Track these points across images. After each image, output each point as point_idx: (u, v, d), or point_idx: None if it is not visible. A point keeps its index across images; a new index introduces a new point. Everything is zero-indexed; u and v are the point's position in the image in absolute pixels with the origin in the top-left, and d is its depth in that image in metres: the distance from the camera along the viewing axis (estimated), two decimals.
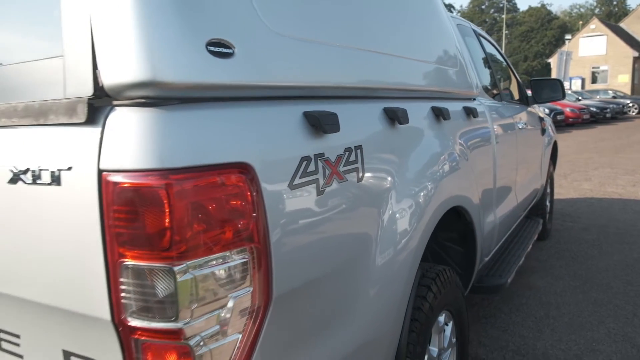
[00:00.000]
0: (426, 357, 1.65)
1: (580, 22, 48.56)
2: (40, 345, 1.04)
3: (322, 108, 1.17)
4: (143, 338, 0.88)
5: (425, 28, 1.98)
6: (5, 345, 1.11)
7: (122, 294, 0.86)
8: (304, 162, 1.06)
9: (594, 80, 38.73)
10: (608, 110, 21.32)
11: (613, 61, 37.69)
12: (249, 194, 0.93)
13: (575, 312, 2.98)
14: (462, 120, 2.10)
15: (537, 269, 3.73)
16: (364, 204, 1.29)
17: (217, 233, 0.88)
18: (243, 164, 0.93)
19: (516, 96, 3.68)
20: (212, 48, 0.91)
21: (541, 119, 4.03)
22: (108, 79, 0.85)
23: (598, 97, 25.13)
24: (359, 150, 1.26)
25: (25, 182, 0.93)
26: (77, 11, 0.87)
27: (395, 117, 1.47)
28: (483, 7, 68.53)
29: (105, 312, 0.88)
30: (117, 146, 0.84)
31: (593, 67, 38.82)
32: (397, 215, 1.43)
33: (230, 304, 0.91)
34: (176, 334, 0.86)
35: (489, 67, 3.21)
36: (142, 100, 0.86)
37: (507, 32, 55.97)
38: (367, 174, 1.29)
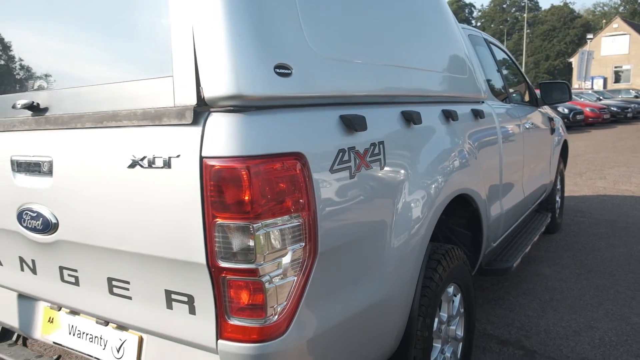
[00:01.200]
0: (436, 319, 1.98)
1: (604, 21, 47.85)
2: (146, 287, 1.41)
3: (353, 112, 1.51)
4: (229, 276, 1.24)
5: (438, 43, 2.30)
6: (116, 290, 1.48)
7: (215, 244, 1.22)
8: (341, 153, 1.41)
9: (616, 79, 38.24)
10: (629, 110, 21.03)
11: (636, 60, 37.17)
12: (302, 175, 1.28)
13: (578, 296, 3.26)
14: (470, 121, 2.42)
15: (546, 258, 4.01)
16: (385, 186, 1.64)
17: (281, 202, 1.24)
18: (298, 153, 1.28)
19: (526, 98, 3.96)
20: (277, 70, 1.27)
21: (551, 119, 4.29)
22: (208, 93, 1.21)
23: (620, 96, 24.80)
24: (381, 145, 1.60)
25: (142, 167, 1.30)
26: (184, 45, 1.23)
27: (411, 119, 1.81)
28: (504, 6, 68.03)
29: (202, 258, 1.24)
30: (213, 140, 1.20)
31: (615, 67, 38.34)
32: (411, 198, 1.77)
33: (289, 254, 1.26)
34: (253, 272, 1.21)
35: (499, 72, 3.50)
36: (231, 107, 1.22)
37: (528, 31, 55.49)
38: (387, 164, 1.63)
